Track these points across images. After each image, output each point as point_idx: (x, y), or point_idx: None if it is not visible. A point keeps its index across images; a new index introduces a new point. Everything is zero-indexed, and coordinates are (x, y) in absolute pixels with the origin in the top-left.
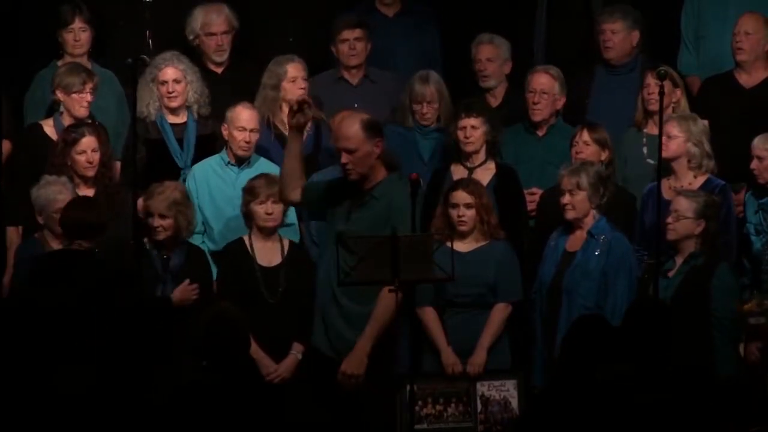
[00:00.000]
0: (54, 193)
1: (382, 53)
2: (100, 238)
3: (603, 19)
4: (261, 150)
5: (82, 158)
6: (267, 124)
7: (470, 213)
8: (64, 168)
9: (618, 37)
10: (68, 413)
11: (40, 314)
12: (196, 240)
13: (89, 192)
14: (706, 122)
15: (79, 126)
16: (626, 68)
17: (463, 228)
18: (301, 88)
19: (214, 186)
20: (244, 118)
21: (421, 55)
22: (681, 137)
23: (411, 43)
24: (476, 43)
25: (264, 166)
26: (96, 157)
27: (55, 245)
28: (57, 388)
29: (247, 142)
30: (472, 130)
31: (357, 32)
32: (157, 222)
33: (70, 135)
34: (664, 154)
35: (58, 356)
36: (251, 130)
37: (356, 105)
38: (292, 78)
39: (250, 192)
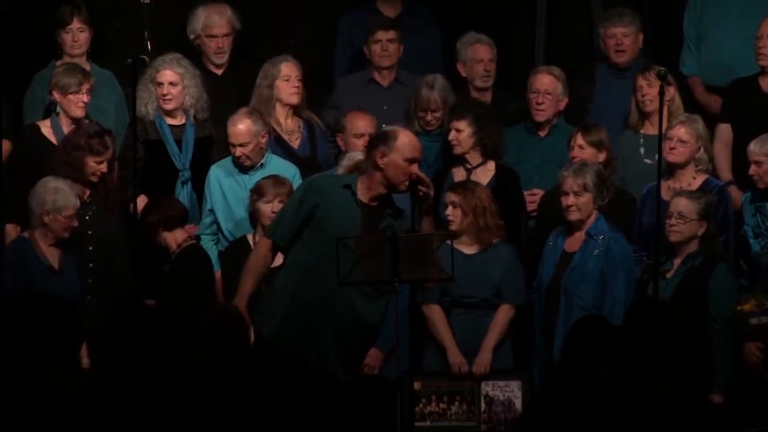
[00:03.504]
0: (67, 196)
1: None
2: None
3: (613, 23)
4: None
5: (96, 167)
6: None
7: (457, 212)
8: (68, 168)
9: (629, 40)
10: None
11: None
12: (206, 241)
13: (85, 192)
14: (728, 125)
15: (101, 134)
16: (630, 71)
17: (450, 227)
18: (295, 87)
19: (227, 187)
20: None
21: (422, 56)
22: (692, 143)
23: (412, 44)
24: (472, 42)
25: (276, 164)
26: (106, 166)
27: (45, 246)
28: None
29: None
30: (456, 132)
31: (390, 33)
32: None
33: (96, 144)
34: (675, 160)
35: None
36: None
37: (385, 107)
38: (286, 77)
39: (257, 191)
